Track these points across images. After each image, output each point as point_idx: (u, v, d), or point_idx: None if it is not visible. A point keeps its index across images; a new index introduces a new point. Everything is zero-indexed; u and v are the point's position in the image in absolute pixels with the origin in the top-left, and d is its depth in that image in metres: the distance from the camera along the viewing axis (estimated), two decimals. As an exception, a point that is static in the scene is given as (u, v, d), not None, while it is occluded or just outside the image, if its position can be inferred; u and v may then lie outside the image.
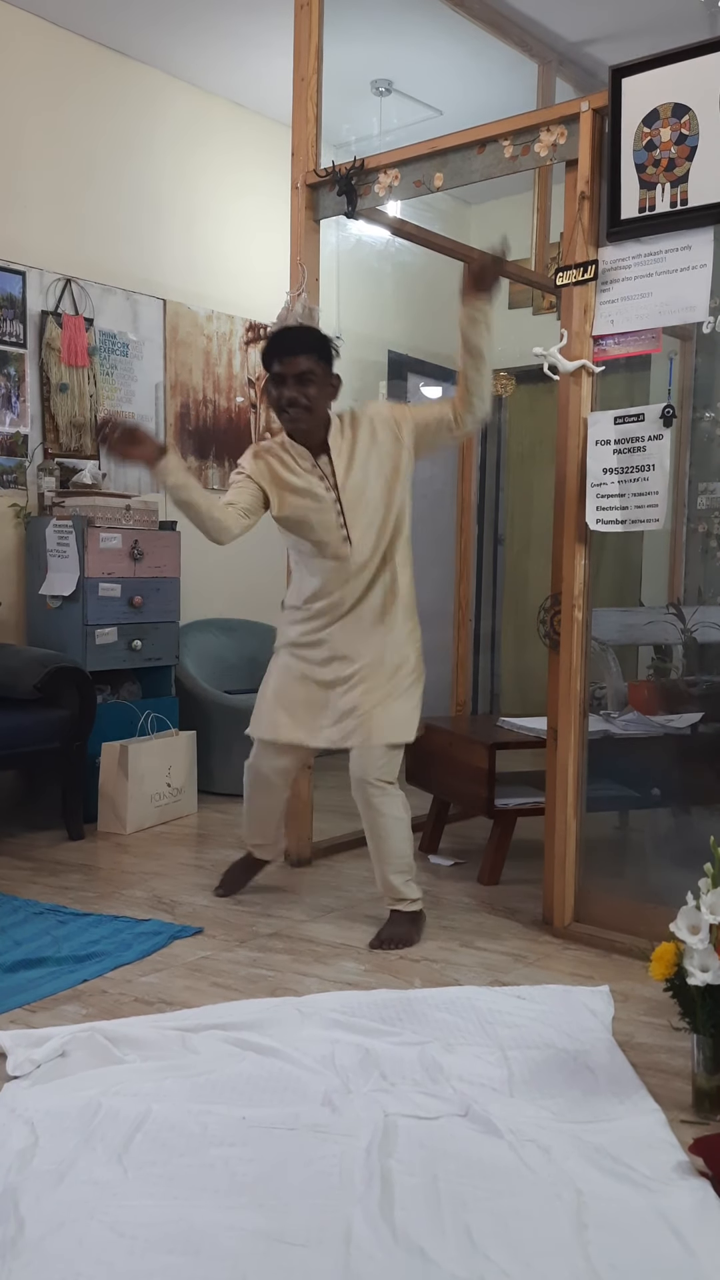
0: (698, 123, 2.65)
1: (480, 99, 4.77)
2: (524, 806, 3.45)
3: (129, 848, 3.88)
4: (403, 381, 6.02)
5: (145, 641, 4.31)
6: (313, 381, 2.77)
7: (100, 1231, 1.61)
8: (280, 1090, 2.05)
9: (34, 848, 3.83)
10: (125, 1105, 1.96)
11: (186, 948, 2.87)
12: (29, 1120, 1.91)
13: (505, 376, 5.77)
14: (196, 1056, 2.19)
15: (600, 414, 2.88)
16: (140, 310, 4.76)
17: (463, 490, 4.36)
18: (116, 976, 2.66)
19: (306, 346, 2.78)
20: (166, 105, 4.83)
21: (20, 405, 4.30)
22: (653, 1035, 2.35)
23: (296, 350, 2.77)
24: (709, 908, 1.97)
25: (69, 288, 4.46)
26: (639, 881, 3.39)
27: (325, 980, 2.66)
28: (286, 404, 2.78)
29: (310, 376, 2.77)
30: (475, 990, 2.56)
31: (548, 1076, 2.12)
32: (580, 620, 2.97)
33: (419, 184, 3.24)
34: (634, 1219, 1.66)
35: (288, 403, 2.77)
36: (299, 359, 2.75)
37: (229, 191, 5.12)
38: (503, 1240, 1.60)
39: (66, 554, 4.12)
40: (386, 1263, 1.54)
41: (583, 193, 2.87)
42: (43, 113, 4.36)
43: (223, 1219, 1.64)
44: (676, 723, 3.67)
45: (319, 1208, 1.67)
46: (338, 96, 4.03)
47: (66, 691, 3.87)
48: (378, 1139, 1.86)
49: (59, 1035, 2.23)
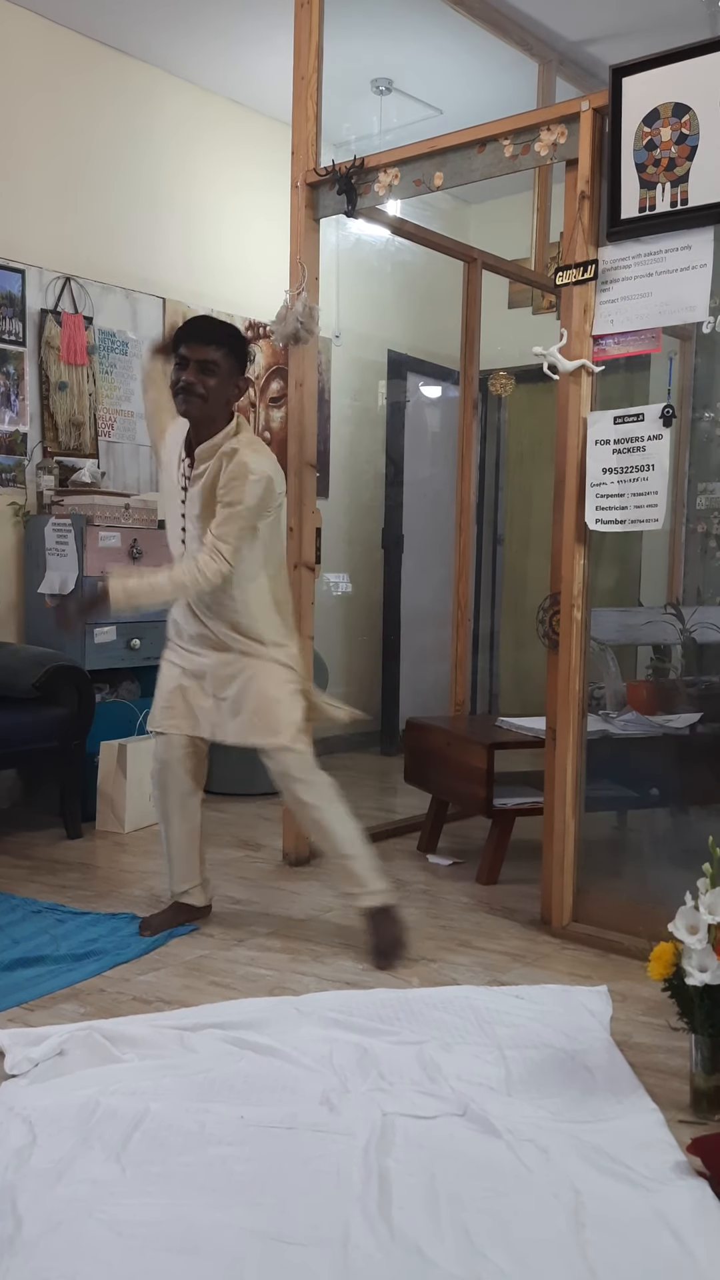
0: (698, 122, 2.65)
1: (480, 98, 4.78)
2: (523, 806, 3.45)
3: (127, 846, 3.87)
4: (402, 381, 6.02)
5: (144, 640, 4.31)
6: (214, 373, 2.72)
7: (98, 1230, 1.61)
8: (278, 1089, 2.05)
9: (32, 846, 3.83)
10: (123, 1104, 1.96)
11: (184, 946, 2.87)
12: (27, 1119, 1.91)
13: (505, 376, 5.77)
14: (194, 1055, 2.19)
15: (600, 414, 2.88)
16: (139, 309, 4.76)
17: (462, 490, 4.36)
18: (114, 975, 2.66)
19: (218, 339, 2.74)
20: (166, 103, 4.83)
21: (19, 404, 4.30)
22: (651, 1035, 2.35)
23: (207, 339, 2.73)
24: (707, 908, 1.97)
25: (68, 286, 4.46)
26: (637, 881, 3.39)
27: (323, 979, 2.66)
28: (181, 387, 2.73)
29: (212, 368, 2.72)
30: (473, 990, 2.57)
31: (546, 1076, 2.12)
32: (579, 620, 2.97)
33: (419, 183, 3.24)
34: (632, 1219, 1.66)
35: (182, 386, 2.73)
36: (208, 348, 2.71)
37: (228, 190, 5.11)
38: (500, 1240, 1.60)
39: (65, 552, 4.12)
40: (384, 1262, 1.54)
41: (583, 192, 2.87)
42: (42, 110, 4.36)
43: (220, 1218, 1.64)
44: (675, 723, 3.67)
45: (317, 1207, 1.67)
46: (338, 95, 4.03)
47: (65, 690, 3.87)
48: (376, 1138, 1.86)
49: (57, 1034, 2.23)
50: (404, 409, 6.04)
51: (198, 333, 2.75)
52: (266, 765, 2.88)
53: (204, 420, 2.78)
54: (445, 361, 6.01)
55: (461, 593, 4.38)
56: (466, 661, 4.42)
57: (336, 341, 5.61)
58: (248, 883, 3.44)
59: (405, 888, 3.43)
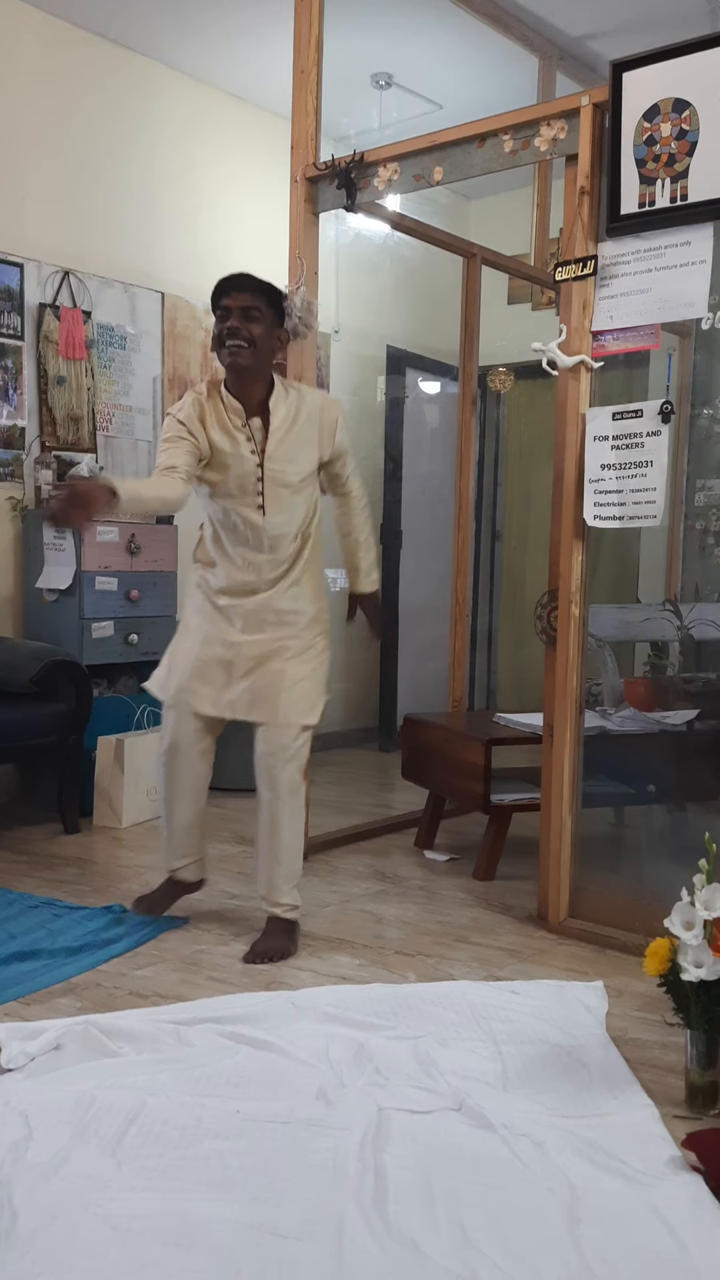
0: (698, 118, 2.65)
1: (481, 93, 4.77)
2: (520, 802, 3.45)
3: (125, 841, 3.87)
4: (401, 376, 6.01)
5: (142, 635, 4.31)
6: (258, 320, 2.66)
7: (94, 1224, 1.61)
8: (274, 1084, 2.05)
9: (30, 841, 3.83)
10: (119, 1098, 1.96)
11: (181, 941, 2.87)
12: (23, 1113, 1.91)
13: (504, 372, 5.76)
14: (190, 1050, 2.19)
15: (599, 410, 2.88)
16: (138, 303, 4.75)
17: (460, 486, 4.36)
18: (111, 970, 2.66)
19: (255, 286, 2.69)
20: (165, 97, 4.82)
21: (17, 398, 4.29)
22: (646, 1031, 2.35)
23: (245, 287, 2.68)
24: (703, 904, 1.97)
25: (67, 280, 4.45)
26: (634, 877, 3.39)
27: (320, 974, 2.66)
28: (227, 335, 2.65)
29: (255, 314, 2.66)
30: (470, 985, 2.57)
31: (541, 1071, 2.13)
32: (577, 617, 2.97)
33: (418, 178, 3.23)
34: (627, 1213, 1.66)
35: (229, 333, 2.65)
36: (245, 294, 2.67)
37: (228, 184, 5.10)
38: (495, 1234, 1.60)
39: (63, 548, 4.11)
40: (379, 1256, 1.54)
41: (582, 188, 2.86)
42: (41, 104, 4.35)
43: (216, 1211, 1.64)
44: (672, 719, 3.67)
45: (312, 1201, 1.68)
46: (337, 90, 4.02)
47: (63, 685, 3.87)
48: (371, 1133, 1.86)
49: (53, 1028, 2.23)
50: (403, 405, 6.03)
51: (237, 282, 2.70)
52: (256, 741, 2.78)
53: (252, 370, 2.69)
54: (444, 357, 6.01)
55: (460, 589, 4.38)
56: (464, 657, 4.42)
57: (335, 336, 5.61)
58: (244, 878, 3.44)
59: (402, 883, 3.43)
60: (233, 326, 2.65)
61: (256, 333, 2.66)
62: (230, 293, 2.68)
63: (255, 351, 2.67)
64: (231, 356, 2.66)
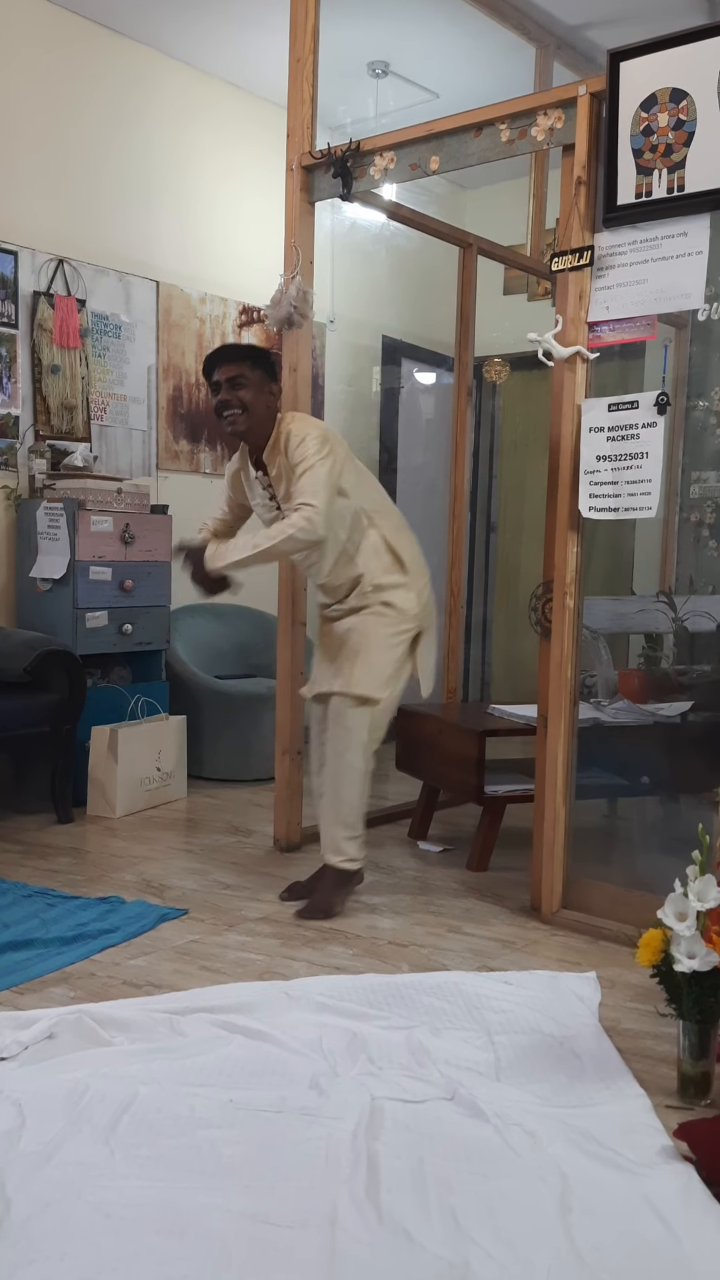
0: (695, 108, 2.64)
1: (477, 82, 4.75)
2: (513, 794, 3.46)
3: (118, 832, 3.87)
4: (396, 367, 6.00)
5: (136, 626, 4.30)
6: (244, 385, 2.94)
7: (87, 1212, 1.61)
8: (267, 1073, 2.06)
9: (23, 831, 3.83)
10: (112, 1087, 1.96)
11: (175, 931, 2.87)
12: (16, 1101, 1.91)
13: (500, 363, 5.75)
14: (184, 1039, 2.19)
15: (594, 401, 2.88)
16: (133, 292, 4.73)
17: (455, 477, 4.35)
18: (104, 959, 2.66)
19: (238, 355, 2.98)
20: (161, 84, 4.79)
21: (11, 386, 4.28)
22: (639, 1021, 2.36)
23: (229, 358, 2.97)
24: (696, 895, 1.98)
25: (61, 268, 4.43)
26: (627, 869, 3.40)
27: (313, 964, 2.66)
28: (221, 407, 2.97)
29: (241, 380, 2.93)
30: (463, 975, 2.57)
31: (534, 1061, 2.13)
32: (572, 608, 2.97)
33: (414, 167, 3.22)
34: (618, 1203, 1.67)
35: (221, 405, 2.96)
36: (231, 365, 2.95)
37: (223, 172, 5.08)
38: (488, 1223, 1.60)
39: (57, 537, 4.10)
40: (372, 1244, 1.55)
41: (579, 178, 2.86)
42: (36, 91, 4.32)
43: (209, 1200, 1.65)
44: (666, 711, 3.67)
45: (305, 1190, 1.68)
46: (334, 78, 4.01)
47: (56, 675, 3.86)
48: (364, 1122, 1.87)
49: (47, 1017, 2.23)
50: (398, 395, 6.02)
51: (220, 356, 2.99)
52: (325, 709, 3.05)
53: (252, 431, 2.98)
54: (440, 348, 6.00)
55: (454, 580, 4.38)
56: (459, 649, 4.42)
57: (331, 326, 5.59)
58: (238, 868, 3.45)
59: (396, 874, 3.44)
60: (223, 399, 2.95)
61: (246, 398, 2.94)
62: (218, 367, 2.97)
63: (249, 415, 2.95)
64: (230, 426, 2.98)
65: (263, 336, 5.29)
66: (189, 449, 5.01)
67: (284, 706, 3.63)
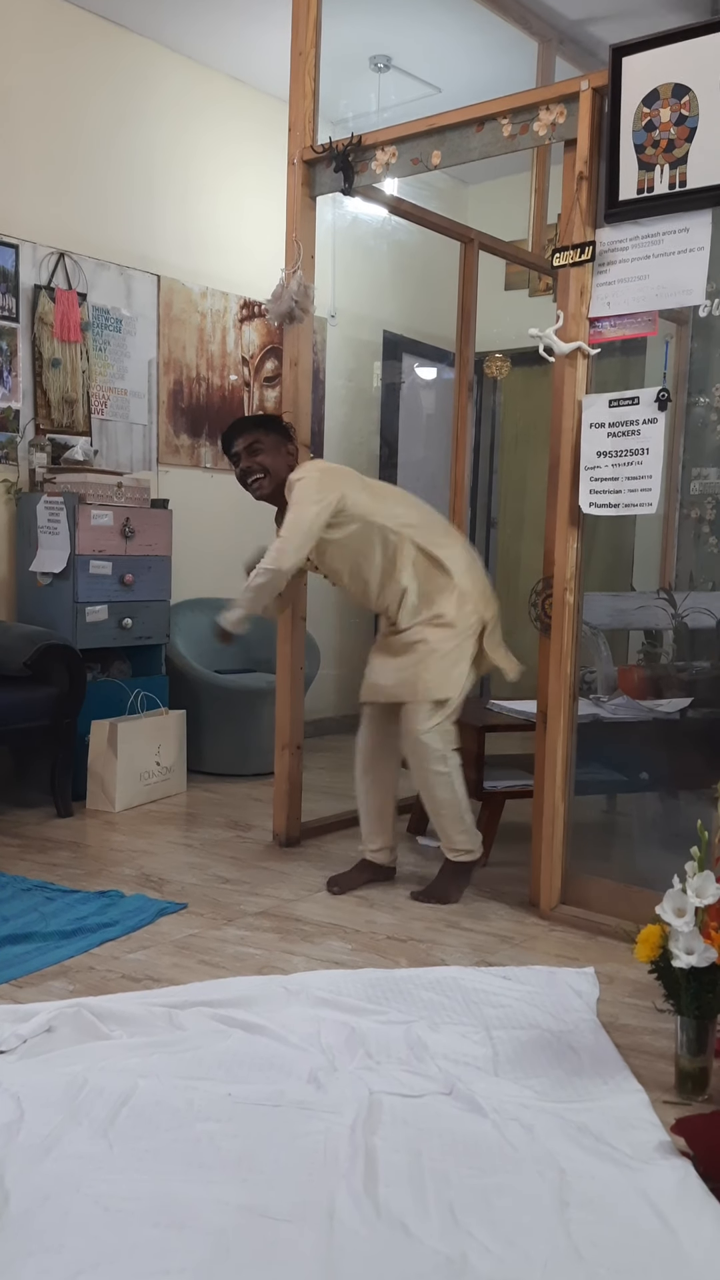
0: (698, 104, 2.63)
1: (479, 77, 4.74)
2: (513, 789, 3.46)
3: (118, 826, 3.88)
4: (397, 362, 6.00)
5: (136, 620, 4.30)
6: (261, 450, 3.09)
7: (85, 1205, 1.61)
8: (266, 1067, 2.06)
9: (22, 825, 3.83)
10: (111, 1080, 1.97)
11: (174, 925, 2.87)
12: (15, 1094, 1.92)
13: (500, 359, 5.75)
14: (183, 1033, 2.19)
15: (595, 396, 2.87)
16: (134, 286, 4.72)
17: (456, 473, 4.35)
18: (103, 953, 2.67)
19: (251, 424, 3.16)
20: (162, 78, 4.78)
21: (12, 380, 4.27)
22: (637, 1017, 2.37)
23: (241, 430, 3.13)
24: (695, 891, 1.98)
25: (62, 262, 4.42)
26: (626, 865, 3.41)
27: (312, 959, 2.67)
28: (245, 475, 3.12)
29: (258, 446, 3.09)
30: (461, 970, 2.58)
31: (532, 1056, 2.14)
32: (571, 604, 2.97)
33: (416, 162, 3.21)
34: (616, 1197, 1.67)
35: (243, 473, 3.12)
36: (245, 435, 3.10)
37: (224, 167, 5.07)
38: (485, 1217, 1.61)
39: (57, 531, 4.10)
40: (370, 1238, 1.55)
41: (581, 173, 2.85)
42: (37, 84, 4.31)
43: (207, 1193, 1.65)
44: (665, 708, 3.67)
45: (303, 1184, 1.68)
46: (336, 72, 4.00)
47: (56, 669, 3.86)
48: (362, 1116, 1.87)
49: (46, 1011, 2.23)
50: (399, 390, 6.02)
51: (235, 429, 3.14)
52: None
53: (275, 494, 3.11)
54: (441, 343, 5.99)
55: (454, 575, 4.37)
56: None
57: (332, 321, 5.59)
58: (238, 863, 3.45)
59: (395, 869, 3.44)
60: (245, 467, 3.11)
61: (266, 462, 3.09)
62: (234, 440, 3.12)
63: (271, 478, 3.10)
64: (256, 491, 3.13)
65: (263, 331, 5.29)
66: (189, 443, 5.01)
67: (283, 701, 3.63)
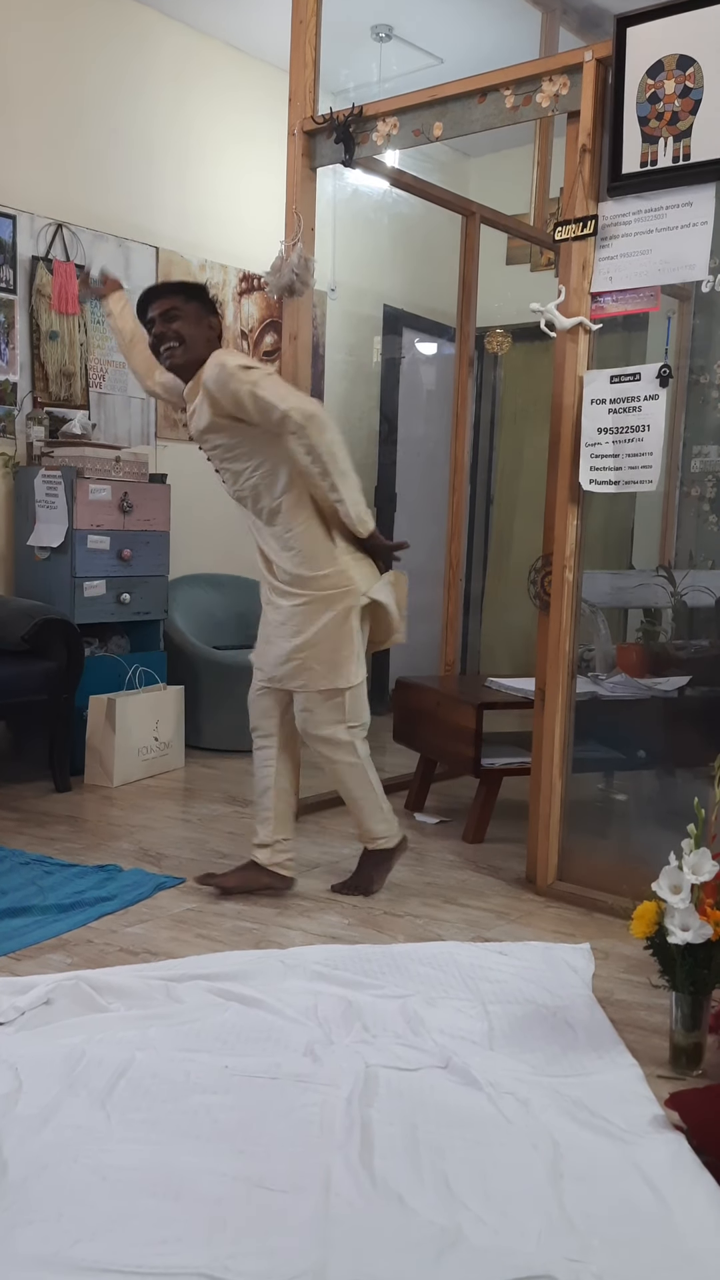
0: (703, 76, 2.60)
1: (482, 47, 4.67)
2: (510, 766, 3.47)
3: (115, 800, 3.88)
4: (397, 337, 5.96)
5: (134, 595, 4.29)
6: (179, 318, 2.82)
7: (83, 1174, 1.63)
8: (263, 1040, 2.07)
9: (20, 799, 3.84)
10: (109, 1052, 1.98)
11: (172, 899, 2.88)
12: (13, 1065, 1.93)
13: (502, 334, 5.71)
14: (180, 1006, 2.21)
15: (596, 372, 2.86)
16: (132, 258, 4.68)
17: (456, 449, 4.33)
18: (102, 926, 2.68)
19: (171, 289, 2.90)
20: (161, 46, 4.72)
21: (9, 352, 4.24)
22: (632, 992, 2.38)
23: (161, 294, 2.87)
24: (691, 868, 1.99)
25: (60, 233, 4.38)
26: (622, 841, 3.41)
27: (309, 933, 2.68)
28: (158, 341, 2.85)
29: (175, 313, 2.82)
30: (458, 945, 2.59)
31: (528, 1031, 2.15)
32: (571, 581, 2.96)
33: (418, 133, 3.18)
34: (609, 1170, 1.68)
35: (157, 338, 2.85)
36: (164, 300, 2.84)
37: (224, 137, 5.02)
38: (480, 1189, 1.62)
39: (55, 505, 4.08)
40: (365, 1209, 1.57)
41: (584, 145, 2.82)
42: (34, 52, 4.26)
43: (204, 1164, 1.66)
44: (664, 686, 3.68)
45: (299, 1155, 1.70)
46: (337, 42, 3.93)
47: (54, 643, 3.86)
48: (358, 1089, 1.88)
49: (44, 983, 2.24)
50: (399, 365, 5.98)
51: (152, 293, 2.89)
52: None
53: (189, 366, 2.84)
54: (441, 318, 5.95)
55: (454, 553, 4.36)
56: (457, 621, 4.42)
57: (332, 295, 5.54)
58: (235, 838, 3.46)
59: (392, 845, 3.45)
60: (159, 332, 2.84)
61: (183, 330, 2.82)
62: (151, 303, 2.86)
63: (187, 348, 2.82)
64: (168, 359, 2.85)
65: (263, 304, 5.25)
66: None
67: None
